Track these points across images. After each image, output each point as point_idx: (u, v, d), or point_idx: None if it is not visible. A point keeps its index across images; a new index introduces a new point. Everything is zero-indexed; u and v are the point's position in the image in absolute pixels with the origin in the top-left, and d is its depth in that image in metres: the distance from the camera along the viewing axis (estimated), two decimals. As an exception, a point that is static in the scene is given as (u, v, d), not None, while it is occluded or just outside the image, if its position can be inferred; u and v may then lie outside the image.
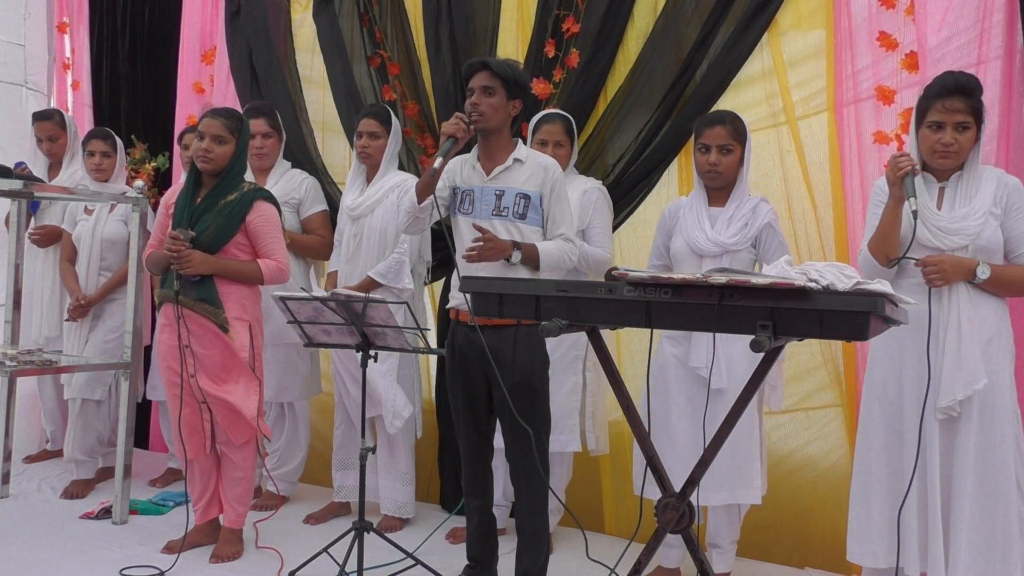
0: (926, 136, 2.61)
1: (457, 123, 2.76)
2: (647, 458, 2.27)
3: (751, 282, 1.90)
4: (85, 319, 4.27)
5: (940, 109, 2.57)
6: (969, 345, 2.53)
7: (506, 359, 2.79)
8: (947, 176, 2.65)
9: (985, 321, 2.57)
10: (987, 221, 2.56)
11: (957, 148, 2.57)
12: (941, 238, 2.58)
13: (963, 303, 2.55)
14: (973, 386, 2.51)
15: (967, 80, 2.59)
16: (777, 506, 3.43)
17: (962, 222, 2.57)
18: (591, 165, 3.76)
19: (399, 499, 3.79)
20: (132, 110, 5.31)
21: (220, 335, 3.23)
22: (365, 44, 4.30)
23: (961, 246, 2.57)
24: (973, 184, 2.60)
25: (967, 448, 2.53)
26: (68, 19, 5.58)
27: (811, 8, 3.38)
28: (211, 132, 3.25)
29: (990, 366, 2.54)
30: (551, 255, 2.84)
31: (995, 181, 2.60)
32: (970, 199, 2.59)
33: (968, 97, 2.56)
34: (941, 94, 2.58)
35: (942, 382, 2.54)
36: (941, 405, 2.54)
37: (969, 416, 2.54)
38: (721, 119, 3.03)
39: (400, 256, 3.68)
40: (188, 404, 3.31)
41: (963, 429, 2.55)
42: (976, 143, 2.60)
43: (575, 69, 3.75)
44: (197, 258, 3.18)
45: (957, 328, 2.54)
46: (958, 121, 2.56)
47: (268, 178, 4.05)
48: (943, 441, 2.57)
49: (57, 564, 3.27)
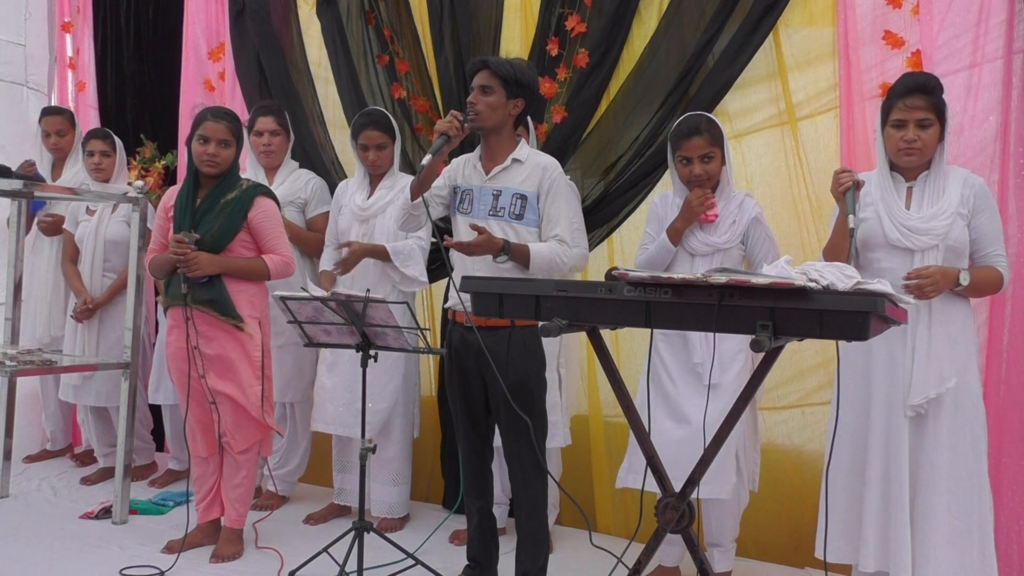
0: (890, 135, 2.67)
1: (451, 121, 2.75)
2: (647, 458, 2.27)
3: (751, 282, 1.90)
4: (91, 322, 4.27)
5: (901, 107, 2.63)
6: (938, 344, 2.58)
7: (501, 360, 2.79)
8: (915, 176, 2.69)
9: (952, 322, 2.61)
10: (955, 221, 2.60)
11: (920, 145, 2.62)
12: (911, 238, 2.61)
13: (934, 306, 2.60)
14: (945, 384, 2.55)
15: (926, 79, 2.66)
16: (777, 505, 3.44)
17: (931, 222, 2.61)
18: (593, 162, 3.76)
19: (389, 500, 3.79)
20: (138, 109, 5.32)
21: (230, 333, 3.25)
22: (372, 42, 4.31)
23: (931, 245, 2.60)
24: (940, 183, 2.65)
25: (937, 446, 2.57)
26: (71, 19, 5.58)
27: (817, 8, 3.38)
28: (217, 136, 3.26)
29: (958, 364, 2.59)
30: (543, 256, 2.81)
31: (961, 181, 2.65)
32: (937, 198, 2.64)
33: (928, 95, 2.61)
34: (902, 93, 2.64)
35: (913, 381, 2.58)
36: (912, 403, 2.57)
37: (938, 414, 2.58)
38: (697, 129, 3.02)
39: (419, 242, 3.67)
40: (199, 404, 3.32)
41: (933, 427, 2.59)
42: (940, 142, 2.64)
43: (583, 69, 3.75)
44: (204, 259, 3.19)
45: (927, 328, 2.59)
46: (919, 118, 2.61)
47: (275, 177, 4.06)
48: (912, 439, 2.60)
49: (57, 564, 3.27)
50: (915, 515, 2.59)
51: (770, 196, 3.43)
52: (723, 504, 3.05)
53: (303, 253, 4.03)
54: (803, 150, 3.42)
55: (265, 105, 4.14)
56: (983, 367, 2.89)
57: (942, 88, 2.65)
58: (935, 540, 2.55)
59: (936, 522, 2.55)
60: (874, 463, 2.63)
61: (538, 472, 2.89)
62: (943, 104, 2.63)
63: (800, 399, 3.45)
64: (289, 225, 3.91)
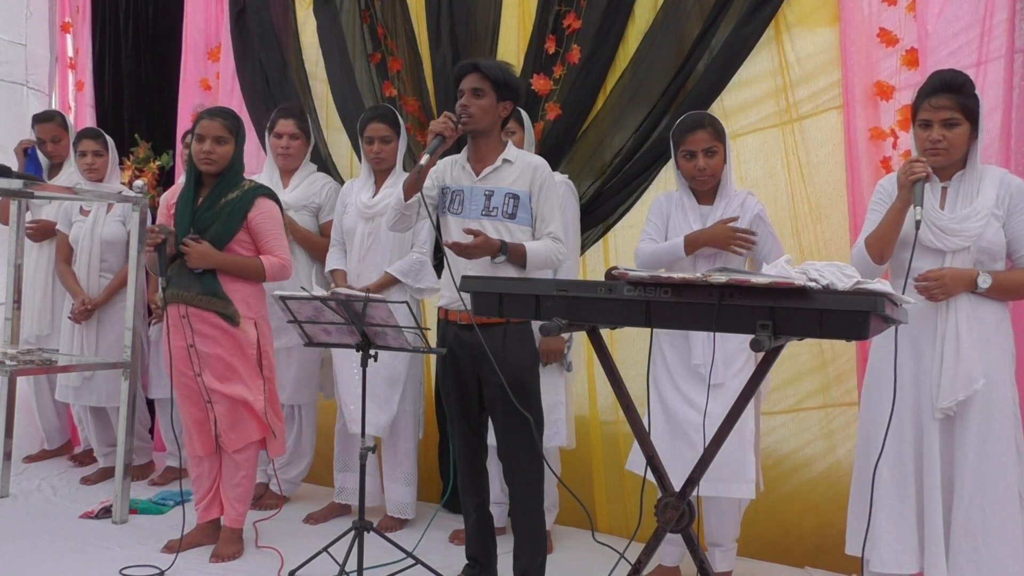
0: (918, 135, 2.63)
1: (445, 122, 2.77)
2: (647, 458, 2.27)
3: (751, 281, 1.90)
4: (90, 322, 4.27)
5: (927, 107, 2.59)
6: (968, 347, 2.53)
7: (497, 356, 2.79)
8: (949, 175, 2.64)
9: (984, 324, 2.56)
10: (989, 222, 2.55)
11: (946, 145, 2.57)
12: (943, 239, 2.57)
13: (962, 307, 2.55)
14: (972, 386, 2.50)
15: (954, 77, 2.60)
16: (777, 506, 3.43)
17: (964, 223, 2.56)
18: (588, 160, 3.75)
19: (402, 500, 3.79)
20: (135, 109, 5.31)
21: (227, 332, 3.24)
22: (366, 40, 4.31)
23: (963, 247, 2.56)
24: (975, 184, 2.60)
25: (966, 450, 2.53)
26: (71, 19, 5.58)
27: (814, 5, 3.37)
28: (212, 133, 3.26)
29: (989, 368, 2.54)
30: (538, 254, 2.85)
31: (998, 181, 2.59)
32: (972, 199, 2.58)
33: (955, 94, 2.56)
34: (929, 93, 2.60)
35: (941, 383, 2.53)
36: (940, 406, 2.53)
37: (968, 417, 2.53)
38: (700, 123, 3.03)
39: (421, 256, 3.70)
40: (195, 403, 3.32)
41: (962, 430, 2.54)
42: (973, 141, 2.59)
43: (575, 65, 3.75)
44: (196, 251, 3.19)
45: (955, 330, 2.54)
46: (944, 118, 2.56)
47: (291, 179, 4.04)
48: (943, 443, 2.57)
49: (57, 564, 3.27)
50: (947, 519, 2.54)
51: (768, 195, 3.41)
52: (724, 504, 3.05)
53: (313, 258, 4.02)
54: (801, 149, 3.41)
55: (287, 107, 4.09)
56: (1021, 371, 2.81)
57: (972, 85, 2.59)
58: (961, 545, 2.51)
59: (962, 526, 2.51)
60: (906, 467, 2.58)
61: (535, 468, 2.90)
62: (974, 102, 2.57)
63: (798, 402, 3.44)
64: (299, 229, 3.91)
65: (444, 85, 4.01)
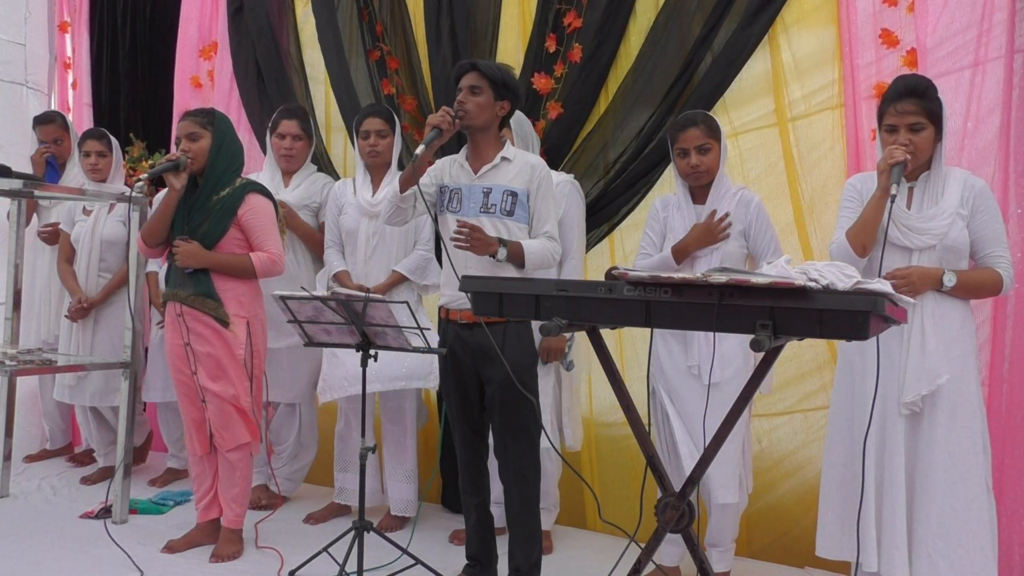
0: (885, 139, 2.68)
1: (443, 116, 2.79)
2: (647, 458, 2.27)
3: (751, 281, 1.90)
4: (87, 321, 4.27)
5: (893, 112, 2.64)
6: (933, 343, 2.58)
7: (496, 354, 2.80)
8: (915, 177, 2.70)
9: (949, 321, 2.61)
10: (954, 222, 2.61)
11: (912, 148, 2.61)
12: (910, 237, 2.63)
13: (928, 305, 2.61)
14: (936, 381, 2.56)
15: (918, 82, 2.65)
16: (777, 506, 3.43)
17: (930, 222, 2.62)
18: (592, 162, 3.75)
19: (405, 497, 3.79)
20: (131, 108, 5.31)
21: (218, 332, 3.24)
22: (364, 38, 4.30)
23: (929, 245, 2.62)
24: (939, 184, 2.66)
25: (933, 446, 2.57)
26: (69, 18, 5.58)
27: (815, 5, 3.37)
28: (184, 132, 3.30)
29: (954, 363, 2.58)
30: (536, 253, 2.86)
31: (962, 183, 2.66)
32: (937, 198, 2.64)
33: (920, 98, 2.61)
34: (894, 98, 2.65)
35: (906, 379, 2.58)
36: (905, 400, 2.58)
37: (935, 414, 2.58)
38: (693, 121, 3.04)
39: (426, 253, 3.70)
40: (193, 402, 3.33)
41: (930, 427, 2.59)
42: (938, 143, 2.64)
43: (577, 64, 3.75)
44: (185, 250, 3.20)
45: (921, 327, 2.60)
46: (910, 123, 2.62)
47: (292, 179, 4.03)
48: (908, 439, 2.61)
49: (57, 564, 3.27)
50: (912, 515, 2.59)
51: (767, 194, 3.42)
52: (724, 505, 3.05)
53: (316, 256, 4.01)
54: (800, 148, 3.41)
55: (290, 108, 4.08)
56: (986, 366, 2.89)
57: (935, 89, 2.65)
58: (933, 541, 2.54)
59: (933, 522, 2.55)
60: (869, 462, 2.62)
61: (533, 465, 2.91)
62: (938, 106, 2.62)
63: (799, 402, 3.44)
64: (303, 225, 3.92)
65: (443, 83, 4.00)
